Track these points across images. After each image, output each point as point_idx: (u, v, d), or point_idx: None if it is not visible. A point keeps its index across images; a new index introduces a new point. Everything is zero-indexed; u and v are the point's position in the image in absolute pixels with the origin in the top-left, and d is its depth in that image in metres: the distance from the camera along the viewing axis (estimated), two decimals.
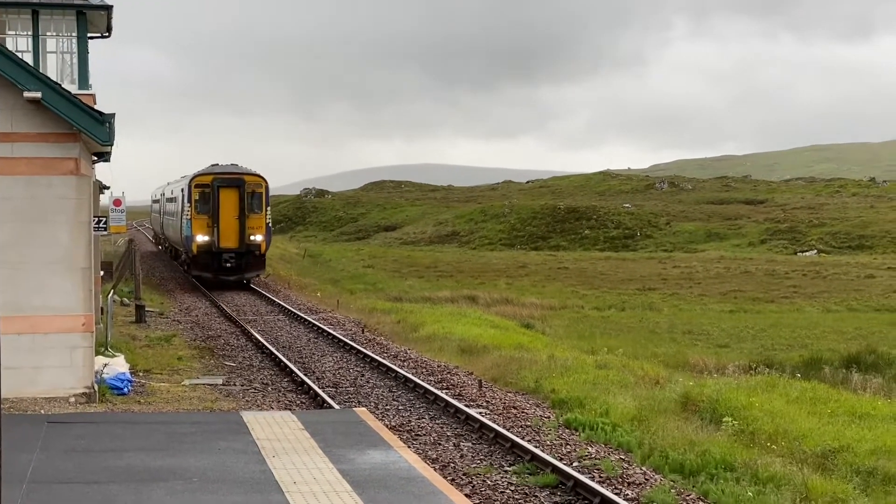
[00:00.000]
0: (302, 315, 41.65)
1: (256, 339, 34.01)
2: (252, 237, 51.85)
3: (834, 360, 37.44)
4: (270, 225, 53.98)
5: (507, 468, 18.23)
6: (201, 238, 51.56)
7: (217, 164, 55.56)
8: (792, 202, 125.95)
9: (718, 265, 79.92)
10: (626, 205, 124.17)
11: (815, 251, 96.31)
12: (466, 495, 15.36)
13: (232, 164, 55.51)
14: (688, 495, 16.63)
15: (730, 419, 21.95)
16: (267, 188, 53.74)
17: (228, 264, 51.78)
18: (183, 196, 54.59)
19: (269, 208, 53.81)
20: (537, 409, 23.88)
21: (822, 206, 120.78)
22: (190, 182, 52.90)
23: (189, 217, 52.11)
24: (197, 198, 51.85)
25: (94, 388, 21.99)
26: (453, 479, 16.77)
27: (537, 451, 18.77)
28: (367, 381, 27.14)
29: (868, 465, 18.72)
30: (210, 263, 52.00)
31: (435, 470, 16.42)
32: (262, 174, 54.08)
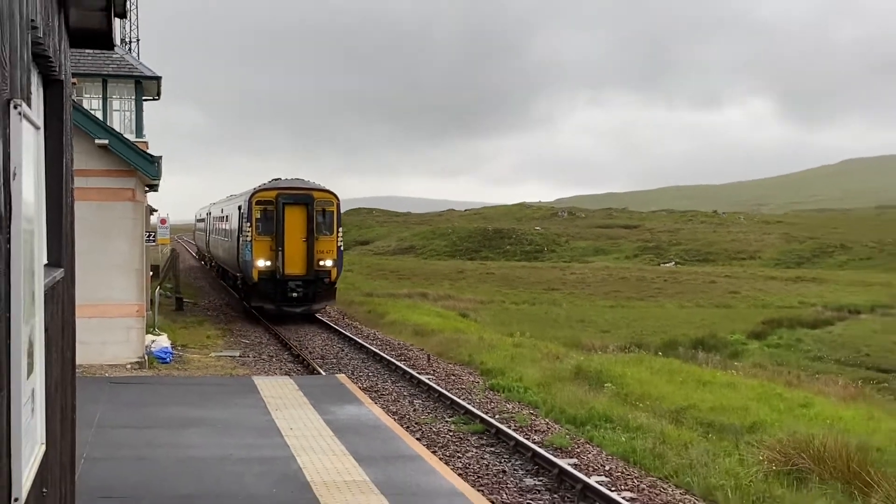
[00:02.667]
0: None
1: (265, 324, 33.89)
2: (322, 262, 34.74)
3: (685, 343, 37.92)
4: (342, 248, 36.36)
5: (448, 419, 18.30)
6: (263, 263, 34.51)
7: (279, 179, 37.76)
8: (657, 227, 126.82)
9: (603, 272, 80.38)
10: (537, 228, 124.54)
11: (674, 263, 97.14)
12: (417, 438, 15.43)
13: (297, 179, 37.73)
14: (578, 440, 16.73)
15: (610, 384, 22.02)
16: (338, 206, 35.89)
17: (295, 294, 34.55)
18: (240, 214, 37.50)
19: (340, 229, 36.03)
20: (470, 376, 23.90)
21: (679, 231, 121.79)
22: (250, 198, 35.67)
23: (249, 238, 35.27)
24: (258, 216, 35.02)
25: (144, 358, 21.96)
26: (408, 427, 16.83)
27: (470, 406, 18.83)
28: (346, 355, 27.12)
29: (708, 419, 18.93)
30: (273, 293, 34.45)
31: (395, 420, 16.48)
32: (332, 190, 36.46)
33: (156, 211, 43.16)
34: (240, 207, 37.75)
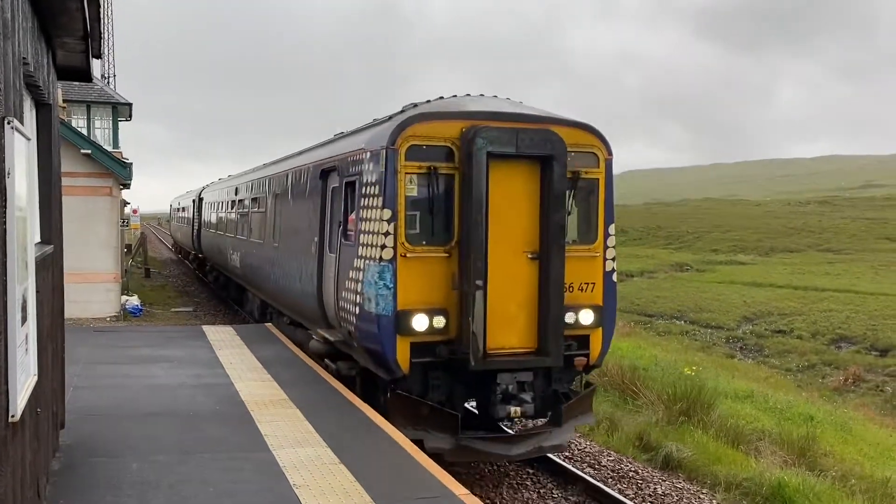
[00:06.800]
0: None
1: (213, 289, 32.75)
2: (575, 312, 7.46)
3: None
4: (615, 275, 8.52)
5: None
6: (423, 321, 6.17)
7: (443, 98, 7.25)
8: None
9: None
10: None
11: None
12: (324, 367, 15.37)
13: (497, 98, 7.55)
14: None
15: None
16: (609, 167, 8.45)
17: (513, 405, 6.29)
18: (341, 189, 7.70)
19: (612, 225, 8.81)
20: None
21: None
22: (388, 148, 5.67)
23: (377, 255, 6.10)
24: (411, 192, 5.56)
25: (120, 313, 21.16)
26: (316, 360, 16.75)
27: None
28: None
29: None
30: (452, 401, 6.43)
31: (307, 355, 16.35)
32: (595, 127, 7.98)
33: (129, 203, 41.40)
34: (324, 173, 9.91)
